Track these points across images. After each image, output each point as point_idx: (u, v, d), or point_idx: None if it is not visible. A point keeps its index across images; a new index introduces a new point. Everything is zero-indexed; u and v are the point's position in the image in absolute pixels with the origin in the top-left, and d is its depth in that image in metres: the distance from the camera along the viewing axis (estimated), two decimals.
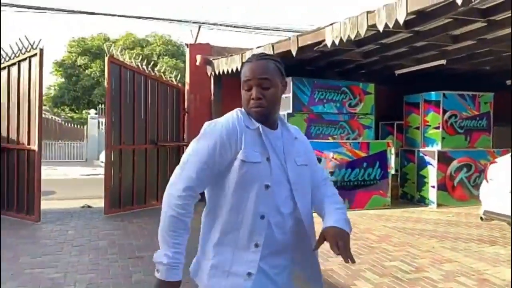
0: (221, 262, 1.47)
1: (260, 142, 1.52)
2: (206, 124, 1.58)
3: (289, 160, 1.58)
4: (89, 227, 6.00)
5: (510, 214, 5.22)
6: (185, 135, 8.11)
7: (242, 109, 1.60)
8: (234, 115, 1.57)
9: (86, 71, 25.25)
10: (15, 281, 3.83)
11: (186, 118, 8.15)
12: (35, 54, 6.24)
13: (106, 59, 6.84)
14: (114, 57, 6.98)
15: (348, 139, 7.73)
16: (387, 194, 7.64)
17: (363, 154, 7.53)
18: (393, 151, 8.39)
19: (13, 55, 6.60)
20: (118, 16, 21.30)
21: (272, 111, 1.58)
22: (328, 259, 4.24)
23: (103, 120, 21.61)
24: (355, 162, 7.45)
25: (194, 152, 1.50)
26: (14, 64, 6.55)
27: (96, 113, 21.97)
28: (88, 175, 14.83)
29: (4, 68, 6.66)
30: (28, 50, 6.39)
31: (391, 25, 4.87)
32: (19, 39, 6.46)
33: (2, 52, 6.67)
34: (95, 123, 21.36)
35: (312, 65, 8.07)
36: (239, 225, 1.48)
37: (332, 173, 7.23)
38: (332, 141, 7.54)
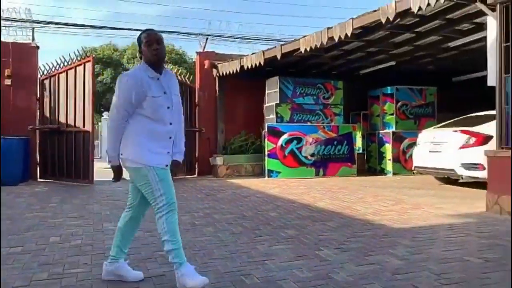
0: None
1: (159, 84, 2.62)
2: (121, 78, 2.55)
3: (172, 93, 2.69)
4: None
5: (428, 166, 7.51)
6: (196, 123, 10.32)
7: (143, 65, 2.59)
8: (140, 71, 2.57)
9: (98, 78, 27.49)
10: (99, 204, 6.08)
11: (197, 110, 10.37)
12: (89, 61, 8.49)
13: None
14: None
15: (323, 123, 9.97)
16: (353, 166, 9.89)
17: (334, 135, 9.79)
18: (359, 134, 10.66)
19: (66, 63, 8.81)
20: (125, 29, 23.52)
21: (164, 58, 2.62)
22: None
23: None
24: (327, 140, 9.71)
25: (122, 102, 2.55)
26: (71, 68, 8.77)
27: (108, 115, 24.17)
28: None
29: (63, 72, 8.89)
30: (82, 57, 8.63)
31: (343, 37, 7.15)
32: (77, 49, 8.72)
33: (59, 59, 8.91)
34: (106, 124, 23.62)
35: (295, 68, 10.36)
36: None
37: (311, 149, 9.51)
38: (310, 124, 9.79)
